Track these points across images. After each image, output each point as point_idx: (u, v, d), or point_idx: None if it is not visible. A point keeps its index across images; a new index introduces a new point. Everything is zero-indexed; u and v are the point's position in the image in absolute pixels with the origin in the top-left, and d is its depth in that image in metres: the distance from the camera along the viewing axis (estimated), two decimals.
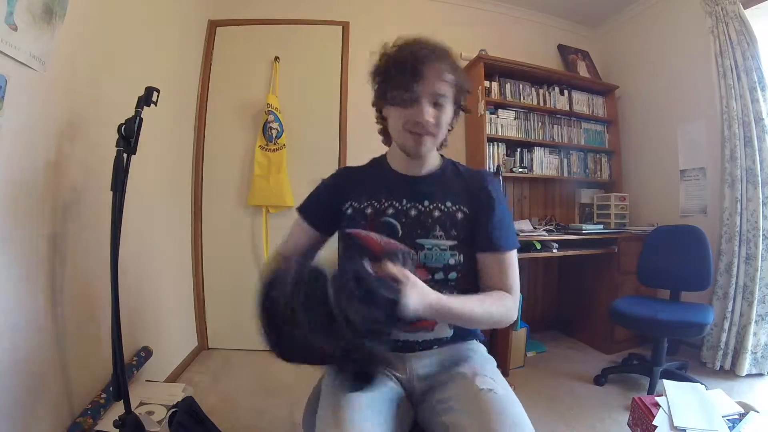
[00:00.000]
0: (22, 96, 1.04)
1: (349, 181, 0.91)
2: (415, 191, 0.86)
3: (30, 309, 1.11)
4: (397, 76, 0.76)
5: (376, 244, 0.79)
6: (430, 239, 0.81)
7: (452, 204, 0.85)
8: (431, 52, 0.78)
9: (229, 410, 1.66)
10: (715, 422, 1.08)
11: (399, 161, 0.89)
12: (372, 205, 0.85)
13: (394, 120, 0.82)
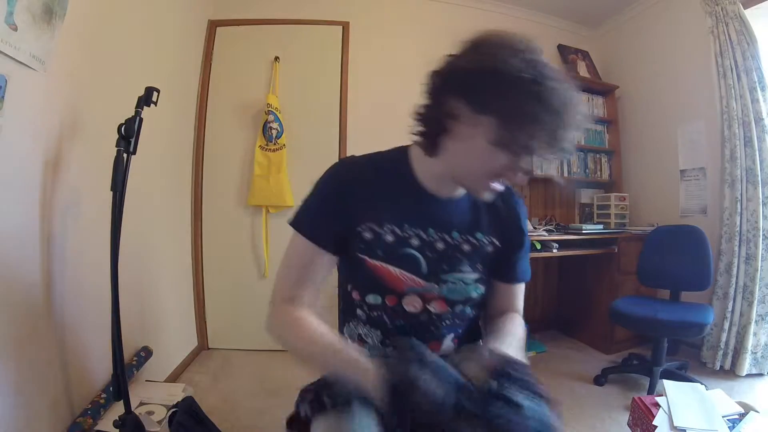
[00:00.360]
0: (22, 96, 1.04)
1: (362, 190, 0.69)
2: (445, 219, 0.71)
3: (30, 308, 1.10)
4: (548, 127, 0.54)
5: (397, 280, 0.69)
6: (456, 273, 0.72)
7: (483, 236, 0.73)
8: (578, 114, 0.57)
9: (229, 410, 1.66)
10: (715, 422, 1.08)
11: (430, 177, 0.69)
12: (393, 231, 0.69)
13: (478, 160, 0.59)
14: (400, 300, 0.71)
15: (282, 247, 0.72)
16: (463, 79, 0.56)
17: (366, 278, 0.71)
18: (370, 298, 0.72)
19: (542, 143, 0.55)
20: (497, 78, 0.53)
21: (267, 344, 2.35)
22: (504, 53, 0.54)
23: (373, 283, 0.71)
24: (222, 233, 2.36)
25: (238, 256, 2.37)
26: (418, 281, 0.70)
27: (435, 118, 0.61)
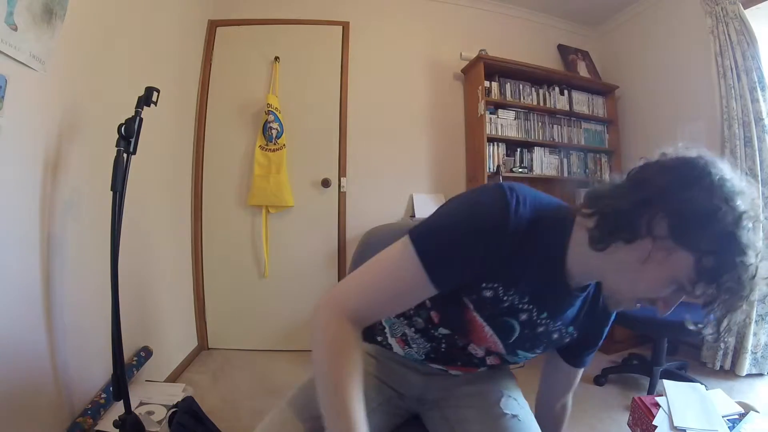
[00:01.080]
0: (22, 96, 1.04)
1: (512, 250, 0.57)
2: (561, 310, 0.66)
3: (30, 309, 1.11)
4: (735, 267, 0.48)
5: (482, 338, 0.67)
6: (529, 353, 0.71)
7: (572, 330, 0.70)
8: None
9: (229, 410, 1.66)
10: (715, 422, 1.08)
11: (579, 266, 0.59)
12: (513, 301, 0.62)
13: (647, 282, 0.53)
14: (470, 344, 0.69)
15: (282, 246, 0.71)
16: (678, 206, 0.49)
17: (455, 318, 0.65)
18: (443, 329, 0.68)
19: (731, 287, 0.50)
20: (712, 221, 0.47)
21: (267, 344, 2.35)
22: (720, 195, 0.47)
23: (457, 324, 0.66)
24: (222, 233, 2.36)
25: (238, 256, 2.37)
26: (499, 345, 0.67)
27: (628, 221, 0.51)
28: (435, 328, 0.69)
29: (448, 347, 0.71)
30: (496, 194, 0.57)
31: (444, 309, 0.66)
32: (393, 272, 0.57)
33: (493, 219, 0.55)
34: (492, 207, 0.56)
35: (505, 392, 0.75)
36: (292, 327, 2.36)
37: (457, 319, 0.65)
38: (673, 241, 0.48)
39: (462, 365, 0.74)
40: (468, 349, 0.70)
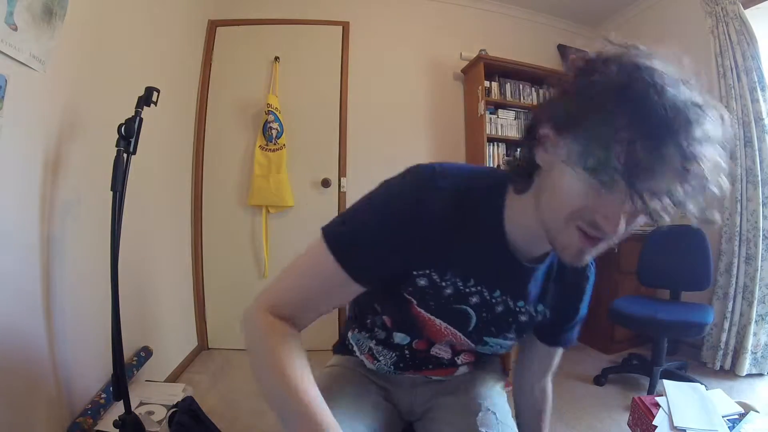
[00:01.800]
0: (22, 96, 1.04)
1: (438, 230, 0.53)
2: (518, 287, 0.61)
3: (30, 309, 1.11)
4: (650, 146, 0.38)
5: (438, 333, 0.63)
6: (499, 339, 0.65)
7: (543, 308, 0.65)
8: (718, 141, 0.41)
9: (229, 410, 1.66)
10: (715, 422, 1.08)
11: (520, 232, 0.55)
12: (455, 284, 0.58)
13: (563, 192, 0.45)
14: (429, 347, 0.67)
15: (282, 246, 0.71)
16: (550, 103, 0.49)
17: (404, 319, 0.63)
18: (399, 336, 0.67)
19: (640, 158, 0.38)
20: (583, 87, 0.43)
21: None
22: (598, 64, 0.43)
23: (409, 326, 0.64)
24: (222, 233, 2.36)
25: (238, 256, 2.37)
26: (460, 336, 0.63)
27: (525, 147, 0.51)
28: (392, 335, 0.68)
29: (412, 354, 0.69)
30: (413, 177, 0.54)
31: (392, 310, 0.65)
32: (313, 271, 0.55)
33: (407, 205, 0.52)
34: (406, 193, 0.53)
35: (483, 404, 0.70)
36: None
37: (406, 318, 0.62)
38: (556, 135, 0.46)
39: (434, 368, 0.71)
40: (431, 352, 0.68)
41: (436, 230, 0.53)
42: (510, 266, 0.58)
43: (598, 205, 0.43)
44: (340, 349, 0.81)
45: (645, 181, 0.39)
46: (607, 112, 0.40)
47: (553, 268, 0.63)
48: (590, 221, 0.44)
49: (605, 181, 0.41)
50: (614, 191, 0.41)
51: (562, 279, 0.64)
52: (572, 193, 0.44)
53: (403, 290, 0.59)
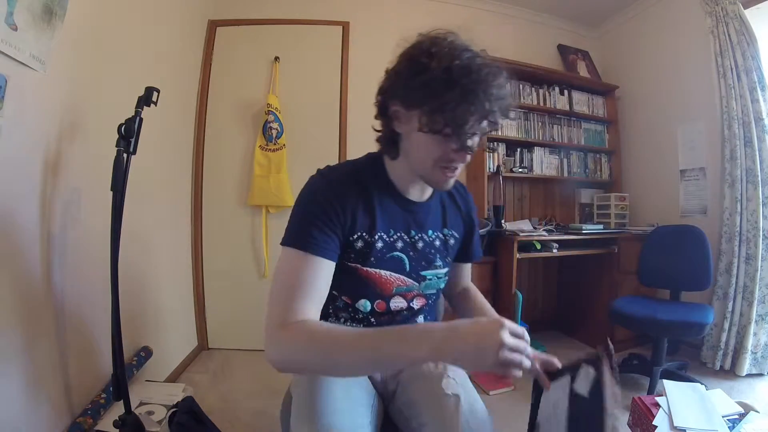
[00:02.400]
0: (22, 96, 1.04)
1: (349, 203, 0.71)
2: (421, 220, 0.79)
3: (30, 309, 1.10)
4: (458, 105, 0.60)
5: (387, 283, 0.76)
6: (432, 270, 0.81)
7: (448, 230, 0.85)
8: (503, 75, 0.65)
9: (229, 410, 1.66)
10: (715, 422, 1.08)
11: (406, 184, 0.76)
12: (383, 237, 0.74)
13: (423, 150, 0.67)
14: (388, 304, 0.78)
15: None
16: (394, 84, 0.68)
17: (357, 285, 0.75)
18: (361, 303, 0.77)
19: (457, 115, 0.60)
20: (413, 73, 0.63)
21: None
22: (415, 52, 0.64)
23: (364, 289, 0.75)
24: (222, 233, 2.36)
25: (238, 256, 2.37)
26: (404, 279, 0.77)
27: (385, 123, 0.72)
28: (355, 310, 0.77)
29: (377, 318, 0.78)
30: (309, 183, 0.73)
31: (347, 286, 0.76)
32: (287, 272, 0.66)
33: (314, 190, 0.70)
34: (310, 186, 0.72)
35: (445, 372, 0.78)
36: None
37: (359, 283, 0.74)
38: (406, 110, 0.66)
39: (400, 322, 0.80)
40: (392, 307, 0.78)
41: (349, 203, 0.70)
42: (411, 209, 0.78)
43: (449, 150, 0.65)
44: None
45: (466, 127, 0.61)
46: (438, 89, 0.60)
47: (443, 199, 0.85)
48: (447, 161, 0.67)
49: (447, 134, 0.62)
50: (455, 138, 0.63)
51: (454, 204, 0.87)
52: (430, 148, 0.66)
53: (347, 261, 0.73)
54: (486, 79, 0.61)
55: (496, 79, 0.62)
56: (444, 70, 0.60)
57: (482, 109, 0.61)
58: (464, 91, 0.59)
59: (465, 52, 0.62)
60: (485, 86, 0.60)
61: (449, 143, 0.64)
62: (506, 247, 2.24)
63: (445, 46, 0.62)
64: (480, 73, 0.60)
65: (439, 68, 0.60)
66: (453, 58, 0.60)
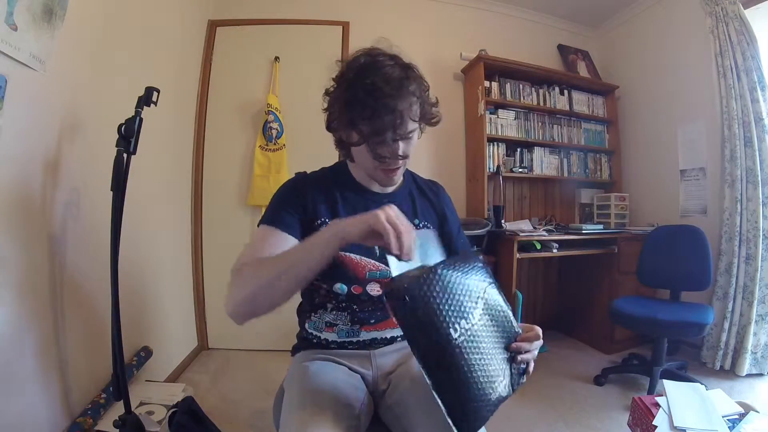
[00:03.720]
0: (22, 96, 1.04)
1: (315, 191, 0.82)
2: None
3: (30, 308, 1.10)
4: (371, 118, 0.69)
5: (358, 266, 0.80)
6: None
7: (420, 221, 0.87)
8: (398, 80, 0.70)
9: (229, 410, 1.66)
10: (715, 422, 1.08)
11: (368, 181, 0.86)
12: None
13: (360, 157, 0.78)
14: (364, 288, 0.81)
15: None
16: (329, 101, 0.79)
17: (332, 269, 0.74)
18: (337, 286, 0.80)
19: (364, 129, 0.70)
20: (333, 92, 0.78)
21: (267, 344, 2.35)
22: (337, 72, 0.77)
23: (338, 272, 0.79)
24: (222, 233, 2.36)
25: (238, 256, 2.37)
26: (375, 264, 0.81)
27: (336, 137, 0.83)
28: (336, 295, 0.81)
29: (359, 305, 0.82)
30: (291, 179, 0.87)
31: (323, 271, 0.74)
32: (256, 239, 0.76)
33: (286, 182, 0.85)
34: (288, 182, 0.85)
35: None
36: (293, 327, 2.36)
37: (333, 266, 0.73)
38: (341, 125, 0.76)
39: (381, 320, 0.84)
40: (368, 290, 0.81)
41: (314, 190, 0.82)
42: (374, 199, 0.85)
43: (379, 154, 0.73)
44: (301, 346, 0.91)
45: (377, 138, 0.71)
46: (342, 106, 0.73)
47: (412, 192, 0.92)
48: (383, 163, 0.75)
49: (371, 143, 0.72)
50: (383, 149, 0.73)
51: (424, 197, 0.93)
52: (364, 155, 0.76)
53: None
54: (387, 100, 0.68)
55: (401, 92, 0.69)
56: (345, 88, 0.72)
57: (385, 122, 0.69)
58: (361, 106, 0.69)
59: (373, 72, 0.70)
60: (386, 104, 0.68)
61: (374, 145, 0.72)
62: (506, 247, 2.25)
63: (352, 62, 0.74)
64: (383, 93, 0.68)
65: (342, 86, 0.73)
66: (360, 78, 0.70)
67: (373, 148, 0.72)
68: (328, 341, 0.85)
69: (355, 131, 0.72)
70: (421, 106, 0.76)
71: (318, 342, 0.86)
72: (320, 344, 0.86)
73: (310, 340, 0.87)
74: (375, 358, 0.85)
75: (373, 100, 0.68)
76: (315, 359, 0.83)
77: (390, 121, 0.68)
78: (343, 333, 0.84)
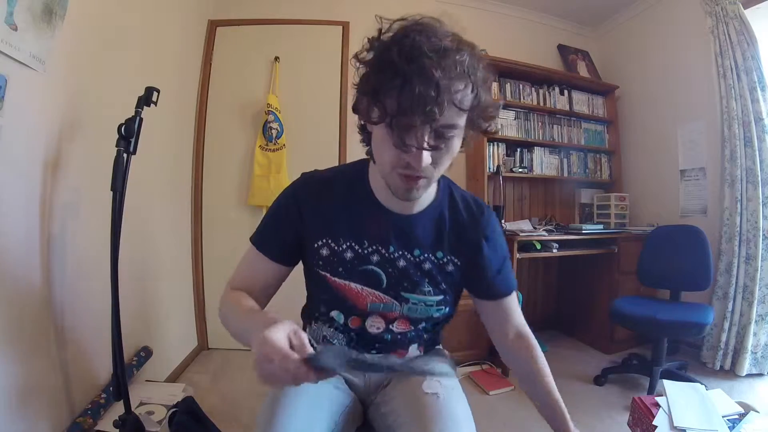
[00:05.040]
0: (22, 96, 1.04)
1: (317, 205, 0.70)
2: (406, 236, 0.70)
3: (30, 309, 1.10)
4: (401, 96, 0.51)
5: (359, 296, 0.69)
6: (417, 294, 0.70)
7: (444, 255, 0.72)
8: (450, 62, 0.51)
9: (229, 410, 1.66)
10: (715, 422, 1.08)
11: (386, 193, 0.67)
12: (353, 248, 0.69)
13: (378, 148, 0.60)
14: (363, 322, 0.72)
15: None
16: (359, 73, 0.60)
17: (329, 295, 0.71)
18: (334, 314, 0.73)
19: (396, 89, 0.51)
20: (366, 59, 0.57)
21: None
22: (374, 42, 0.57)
23: (336, 300, 0.71)
24: (222, 233, 2.36)
25: (238, 256, 2.35)
26: (380, 295, 0.70)
27: (359, 122, 0.66)
28: (332, 320, 0.74)
29: (357, 334, 0.73)
30: (294, 181, 0.75)
31: (320, 295, 0.73)
32: (245, 261, 0.74)
33: (288, 188, 0.74)
34: (287, 189, 0.75)
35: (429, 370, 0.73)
36: None
37: (329, 293, 0.70)
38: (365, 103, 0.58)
39: (385, 349, 0.74)
40: (367, 327, 0.72)
41: (317, 205, 0.69)
42: (391, 221, 0.69)
43: (401, 154, 0.55)
44: None
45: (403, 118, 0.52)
46: (376, 73, 0.54)
47: (443, 217, 0.72)
48: (404, 165, 0.56)
49: (394, 125, 0.53)
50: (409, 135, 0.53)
51: (457, 226, 0.73)
52: (384, 146, 0.56)
53: (316, 267, 0.70)
54: (426, 62, 0.49)
55: (446, 62, 0.50)
56: (378, 51, 0.55)
57: (417, 95, 0.49)
58: (391, 71, 0.51)
59: (418, 34, 0.52)
60: (423, 68, 0.49)
61: (397, 136, 0.54)
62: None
63: (401, 30, 0.55)
64: (422, 55, 0.50)
65: (383, 51, 0.54)
66: (399, 39, 0.53)
67: (396, 131, 0.53)
68: None
69: (377, 106, 0.54)
70: (475, 95, 0.55)
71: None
72: None
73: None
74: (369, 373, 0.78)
75: (407, 64, 0.50)
76: None
77: (423, 95, 0.49)
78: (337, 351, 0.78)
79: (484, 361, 2.14)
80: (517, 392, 1.87)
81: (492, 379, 1.97)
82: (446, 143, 0.56)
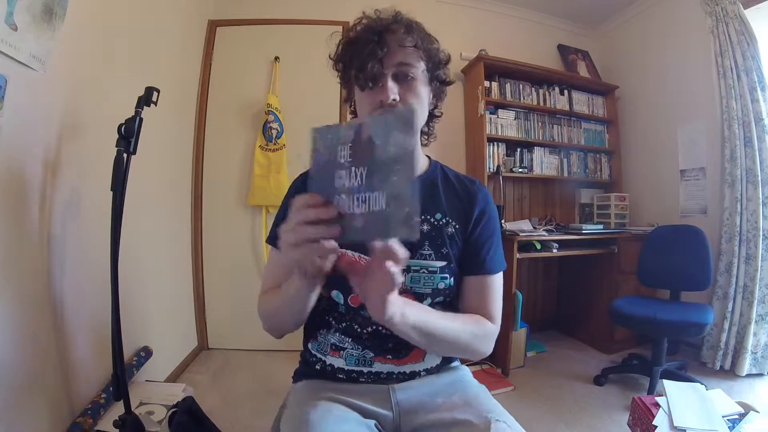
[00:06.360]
0: (22, 96, 1.04)
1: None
2: None
3: (30, 308, 1.10)
4: (354, 54, 0.66)
5: (356, 264, 0.64)
6: (418, 259, 0.69)
7: (442, 217, 0.72)
8: (390, 21, 0.68)
9: (229, 410, 1.66)
10: (715, 422, 1.08)
11: None
12: None
13: (359, 108, 0.71)
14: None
15: None
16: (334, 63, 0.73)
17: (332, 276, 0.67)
18: (334, 294, 0.70)
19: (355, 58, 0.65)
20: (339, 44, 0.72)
21: (267, 344, 2.35)
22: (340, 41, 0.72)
23: (334, 277, 0.65)
24: (222, 233, 2.36)
25: (238, 256, 2.37)
26: None
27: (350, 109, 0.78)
28: (335, 304, 0.71)
29: (361, 328, 0.71)
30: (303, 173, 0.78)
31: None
32: (270, 259, 0.78)
33: (294, 185, 0.78)
34: (297, 180, 0.78)
35: (492, 417, 0.63)
36: None
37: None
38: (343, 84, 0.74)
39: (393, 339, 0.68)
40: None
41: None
42: None
43: (372, 96, 0.65)
44: (302, 371, 0.80)
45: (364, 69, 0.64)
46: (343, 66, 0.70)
47: (435, 183, 0.76)
48: (378, 105, 0.64)
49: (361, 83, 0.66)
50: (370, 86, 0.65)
51: (450, 190, 0.77)
52: (360, 104, 0.69)
53: None
54: (372, 23, 0.67)
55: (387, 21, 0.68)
56: (346, 39, 0.70)
57: (364, 41, 0.65)
58: (352, 42, 0.67)
59: (368, 18, 0.70)
60: (368, 26, 0.67)
61: (372, 90, 0.65)
62: (506, 247, 2.24)
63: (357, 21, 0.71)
64: (370, 23, 0.67)
65: (345, 40, 0.70)
66: (354, 26, 0.70)
67: (361, 76, 0.65)
68: (334, 368, 0.73)
69: (345, 73, 0.70)
70: (425, 50, 0.69)
71: (322, 369, 0.74)
72: (324, 372, 0.74)
73: (313, 365, 0.76)
74: (395, 393, 0.71)
75: (358, 33, 0.67)
76: (319, 400, 0.67)
77: (369, 39, 0.64)
78: (352, 360, 0.72)
79: (484, 362, 2.14)
80: (517, 392, 1.87)
81: (492, 379, 1.97)
82: (408, 83, 0.66)
